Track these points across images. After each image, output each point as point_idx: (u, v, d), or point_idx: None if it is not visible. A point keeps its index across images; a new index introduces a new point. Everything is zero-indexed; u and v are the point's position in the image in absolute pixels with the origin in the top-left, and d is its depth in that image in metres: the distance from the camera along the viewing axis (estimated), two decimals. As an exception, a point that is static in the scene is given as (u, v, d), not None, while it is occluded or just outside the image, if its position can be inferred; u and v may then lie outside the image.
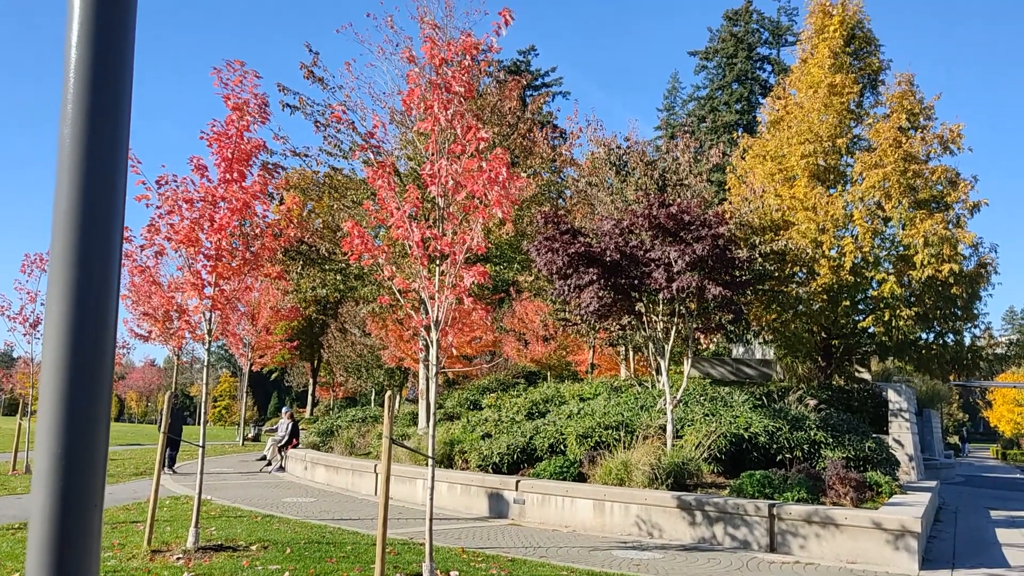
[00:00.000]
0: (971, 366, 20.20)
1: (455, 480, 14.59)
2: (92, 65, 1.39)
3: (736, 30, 56.07)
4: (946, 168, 18.50)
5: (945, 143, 18.87)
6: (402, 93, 8.69)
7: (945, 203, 18.34)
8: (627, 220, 14.62)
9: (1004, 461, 50.28)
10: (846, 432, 14.35)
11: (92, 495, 1.40)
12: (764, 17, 56.86)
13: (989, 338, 21.31)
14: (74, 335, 1.37)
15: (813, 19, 21.16)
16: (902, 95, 19.34)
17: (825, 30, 20.54)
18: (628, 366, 26.18)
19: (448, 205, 8.48)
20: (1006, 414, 71.46)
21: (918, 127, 19.29)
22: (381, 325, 30.28)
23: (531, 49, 59.43)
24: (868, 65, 21.01)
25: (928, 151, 18.82)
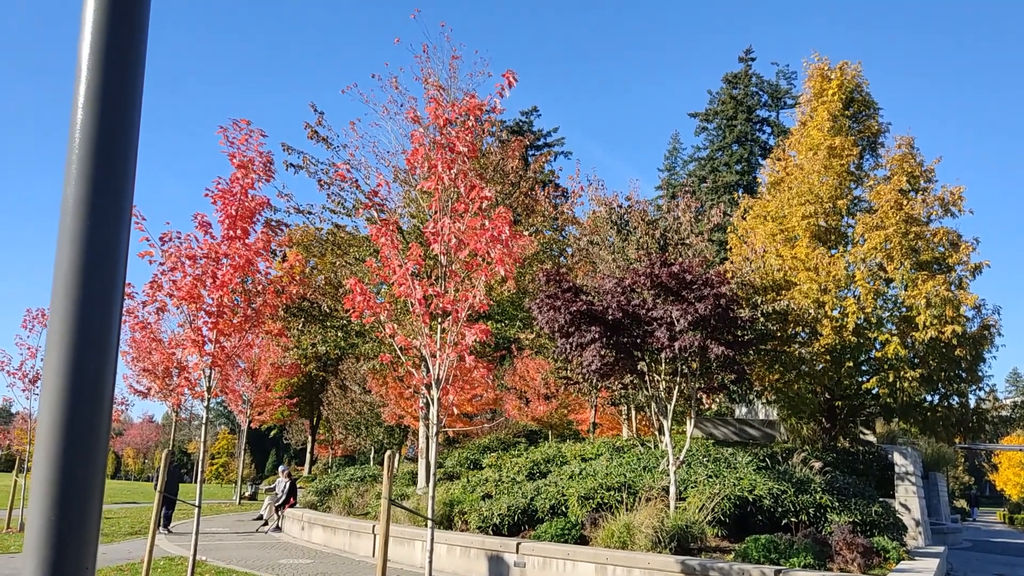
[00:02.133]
0: (976, 428, 20.01)
1: (455, 542, 14.32)
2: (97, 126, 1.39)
3: (736, 93, 56.98)
4: (947, 230, 18.61)
5: (946, 205, 19.00)
6: (406, 152, 8.82)
7: (947, 265, 18.39)
8: (629, 279, 14.64)
9: (1011, 526, 49.43)
10: (852, 496, 14.13)
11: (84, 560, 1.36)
12: (763, 80, 57.85)
13: (994, 400, 21.16)
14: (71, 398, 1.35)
15: (812, 83, 21.52)
16: (902, 158, 19.55)
17: (824, 93, 20.87)
18: (630, 425, 25.93)
19: (451, 263, 8.50)
20: (1012, 477, 70.50)
21: (919, 189, 19.45)
22: (382, 382, 30.12)
23: (533, 110, 60.38)
24: (867, 128, 21.29)
25: (929, 213, 18.96)
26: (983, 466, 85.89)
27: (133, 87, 1.44)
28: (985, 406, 20.53)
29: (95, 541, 1.39)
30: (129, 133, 1.43)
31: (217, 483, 74.04)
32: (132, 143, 1.44)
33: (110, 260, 1.40)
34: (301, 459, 65.69)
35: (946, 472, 43.25)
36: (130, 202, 1.45)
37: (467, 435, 35.74)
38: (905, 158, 19.48)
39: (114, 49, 1.40)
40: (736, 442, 22.94)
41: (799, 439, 21.87)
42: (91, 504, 1.37)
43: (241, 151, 10.07)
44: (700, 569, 11.22)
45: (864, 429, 22.54)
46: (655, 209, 26.48)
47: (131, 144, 1.44)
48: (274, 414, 43.70)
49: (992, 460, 77.87)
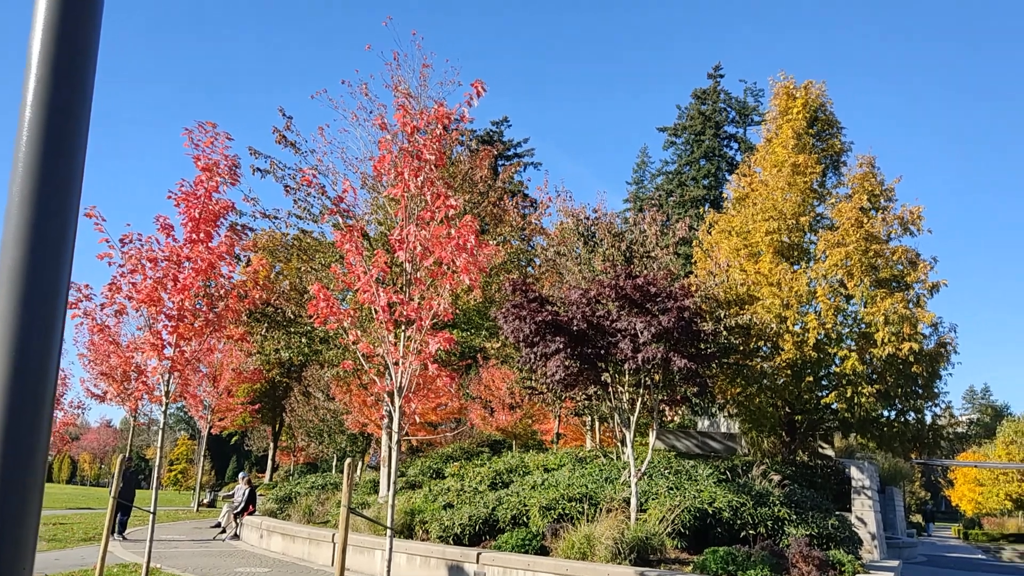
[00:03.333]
0: (932, 444, 20.36)
1: (415, 551, 14.25)
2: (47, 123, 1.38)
3: (704, 108, 57.64)
4: (906, 248, 18.97)
5: (905, 224, 19.38)
6: (374, 159, 8.77)
7: (905, 283, 18.74)
8: (594, 290, 14.71)
9: (966, 541, 50.32)
10: (810, 509, 14.30)
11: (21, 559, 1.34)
12: (731, 97, 58.57)
13: (950, 417, 21.54)
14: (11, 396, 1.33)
15: (777, 101, 21.85)
16: (863, 176, 19.92)
17: (789, 112, 21.20)
18: (594, 437, 26.02)
19: (416, 271, 8.49)
20: (967, 493, 71.81)
21: (879, 208, 19.82)
22: (345, 390, 29.87)
23: (504, 120, 60.53)
24: (830, 146, 21.67)
25: (889, 231, 19.31)
26: (939, 482, 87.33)
27: (83, 85, 1.43)
28: (941, 422, 20.90)
29: (33, 540, 1.37)
30: (78, 131, 1.42)
31: (176, 489, 72.84)
32: (80, 141, 1.43)
33: (55, 259, 1.39)
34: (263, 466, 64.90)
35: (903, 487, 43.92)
36: (77, 201, 1.44)
37: (431, 444, 35.58)
38: (866, 177, 19.86)
39: (65, 46, 1.39)
40: (698, 454, 23.11)
41: (760, 452, 22.09)
42: (29, 503, 1.36)
43: (206, 153, 9.98)
44: (659, 580, 11.27)
45: (823, 443, 22.84)
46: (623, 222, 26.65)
47: (79, 143, 1.42)
48: (235, 420, 43.17)
49: (948, 476, 79.27)
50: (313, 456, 47.79)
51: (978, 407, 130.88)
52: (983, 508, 69.45)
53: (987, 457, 74.85)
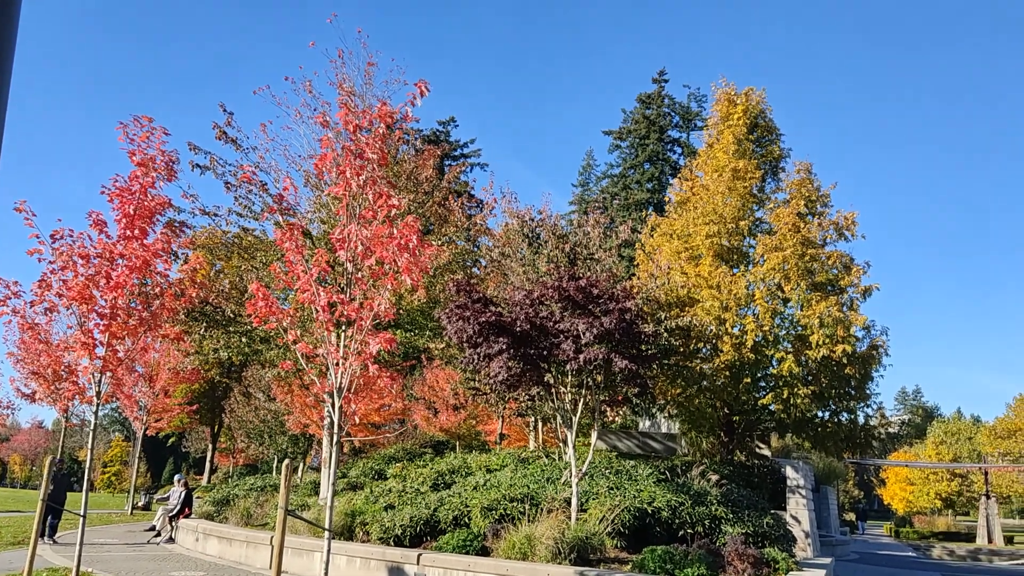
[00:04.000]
0: (864, 444, 20.94)
1: (354, 553, 14.12)
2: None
3: (648, 113, 58.30)
4: (841, 253, 19.49)
5: (840, 229, 19.91)
6: (315, 157, 8.70)
7: (840, 287, 19.25)
8: (538, 291, 14.78)
9: (897, 539, 51.75)
10: (746, 508, 14.58)
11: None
12: (675, 102, 59.35)
13: (882, 418, 22.17)
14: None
15: (719, 107, 22.25)
16: (801, 182, 20.41)
17: (730, 117, 21.60)
18: (537, 437, 26.13)
19: (357, 270, 8.43)
20: (899, 492, 74.00)
21: (816, 213, 20.33)
22: (287, 390, 29.45)
23: (451, 120, 60.40)
24: (769, 152, 22.14)
25: (825, 236, 19.82)
26: (872, 481, 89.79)
27: None
28: (873, 423, 21.50)
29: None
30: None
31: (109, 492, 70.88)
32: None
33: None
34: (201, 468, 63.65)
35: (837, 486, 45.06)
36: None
37: (374, 445, 35.33)
38: (803, 183, 20.35)
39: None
40: (639, 455, 23.39)
41: (699, 452, 22.45)
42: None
43: (142, 148, 9.76)
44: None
45: (760, 443, 23.31)
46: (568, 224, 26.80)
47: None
48: (172, 421, 42.24)
49: (880, 475, 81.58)
50: (253, 458, 47.04)
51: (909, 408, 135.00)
52: (914, 506, 71.62)
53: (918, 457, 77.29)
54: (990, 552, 38.27)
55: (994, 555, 37.14)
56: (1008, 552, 38.56)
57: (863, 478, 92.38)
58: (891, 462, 73.28)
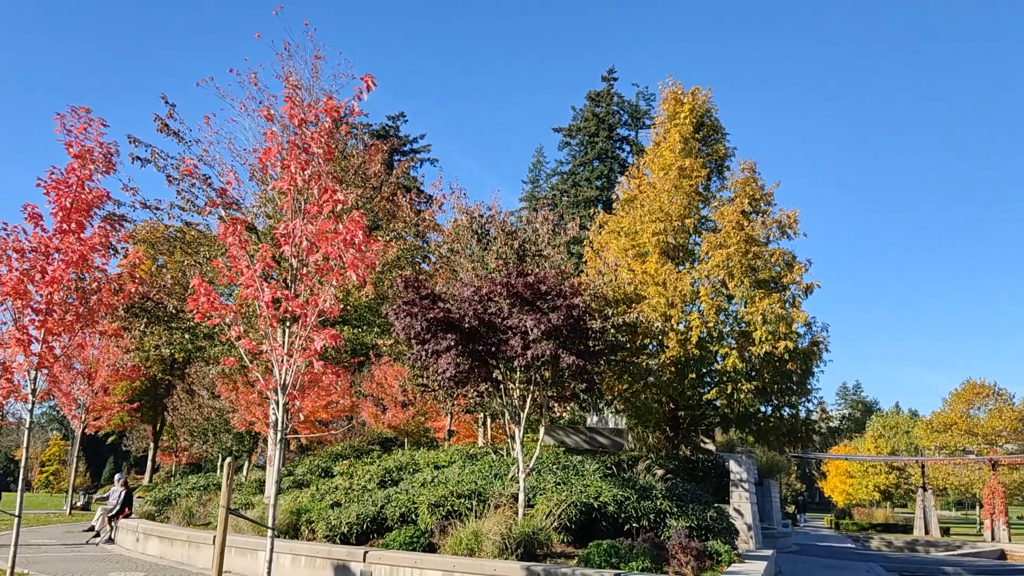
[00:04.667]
0: (805, 438, 21.41)
1: (300, 552, 13.97)
2: None
3: (598, 111, 58.72)
4: (783, 251, 19.90)
5: (783, 228, 20.31)
6: (259, 150, 8.57)
7: (782, 284, 19.64)
8: (486, 287, 14.78)
9: (837, 531, 52.98)
10: (690, 502, 14.79)
11: None
12: (624, 100, 59.88)
13: (823, 412, 22.68)
14: None
15: (666, 105, 22.51)
16: (745, 181, 20.77)
17: (677, 116, 21.87)
18: (485, 433, 26.16)
19: (302, 266, 8.33)
20: (839, 485, 75.86)
21: (759, 212, 20.71)
22: (232, 387, 29.01)
23: (400, 115, 60.08)
24: (715, 151, 22.49)
25: (768, 235, 20.21)
26: (813, 474, 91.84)
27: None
28: (814, 417, 21.98)
29: None
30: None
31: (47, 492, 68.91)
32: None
33: None
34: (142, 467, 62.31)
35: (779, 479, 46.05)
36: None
37: (321, 442, 35.00)
38: (748, 182, 20.71)
39: None
40: (587, 450, 23.57)
41: (645, 447, 22.72)
42: None
43: (79, 140, 9.50)
44: (544, 574, 11.44)
45: (705, 438, 23.68)
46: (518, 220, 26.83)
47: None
48: (112, 419, 41.25)
49: (821, 468, 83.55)
50: (197, 456, 46.25)
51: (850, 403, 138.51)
52: (853, 499, 73.47)
53: (857, 450, 79.33)
54: (927, 543, 39.42)
55: (931, 546, 38.26)
56: (944, 543, 39.76)
57: (805, 471, 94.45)
58: (832, 455, 75.06)
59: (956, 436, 61.84)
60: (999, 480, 47.01)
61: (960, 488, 64.87)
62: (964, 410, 62.71)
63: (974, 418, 62.06)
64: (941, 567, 26.81)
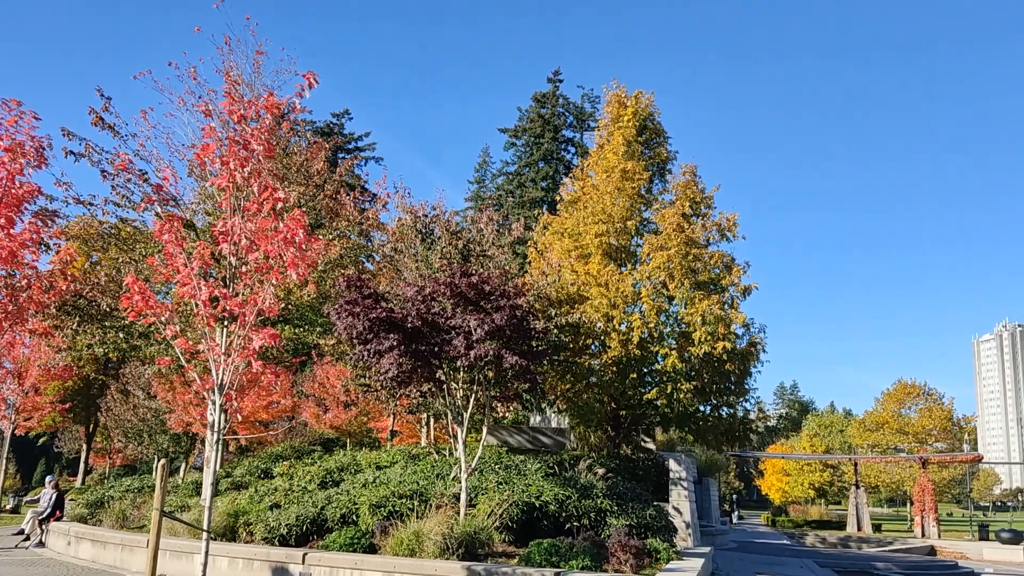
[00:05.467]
0: (743, 437, 21.86)
1: (237, 554, 13.75)
2: None
3: (544, 112, 58.95)
4: (723, 253, 20.28)
5: (723, 231, 20.70)
6: (197, 146, 8.42)
7: (721, 286, 20.02)
8: (430, 287, 14.76)
9: (774, 527, 54.12)
10: (630, 500, 14.98)
11: None
12: (569, 102, 60.20)
13: (760, 412, 23.18)
14: None
15: (610, 108, 22.75)
16: (686, 184, 21.11)
17: (620, 119, 22.12)
18: (429, 434, 26.08)
19: (241, 264, 8.22)
20: (776, 483, 77.54)
21: (700, 215, 21.07)
22: (168, 388, 28.41)
23: (345, 113, 59.43)
24: (657, 155, 22.81)
25: (708, 237, 20.58)
26: (751, 472, 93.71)
27: None
28: (751, 416, 22.46)
29: None
30: None
31: (-27, 496, 66.51)
32: None
33: None
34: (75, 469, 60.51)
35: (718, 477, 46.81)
36: None
37: (261, 443, 34.50)
38: (688, 185, 21.06)
39: None
40: (529, 449, 23.66)
41: (587, 446, 22.92)
42: None
43: (9, 133, 9.22)
44: (485, 574, 11.48)
45: (646, 437, 24.01)
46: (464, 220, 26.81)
47: None
48: (44, 420, 39.98)
49: (759, 467, 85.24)
50: (132, 458, 45.17)
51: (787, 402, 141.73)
52: (790, 496, 75.13)
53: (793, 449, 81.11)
54: (859, 539, 40.55)
55: (863, 542, 39.36)
56: (875, 539, 40.97)
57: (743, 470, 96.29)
58: (769, 454, 76.66)
59: (888, 435, 63.72)
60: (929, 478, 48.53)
61: (891, 485, 66.90)
62: (896, 410, 64.66)
63: (905, 417, 64.04)
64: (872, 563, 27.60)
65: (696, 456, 30.91)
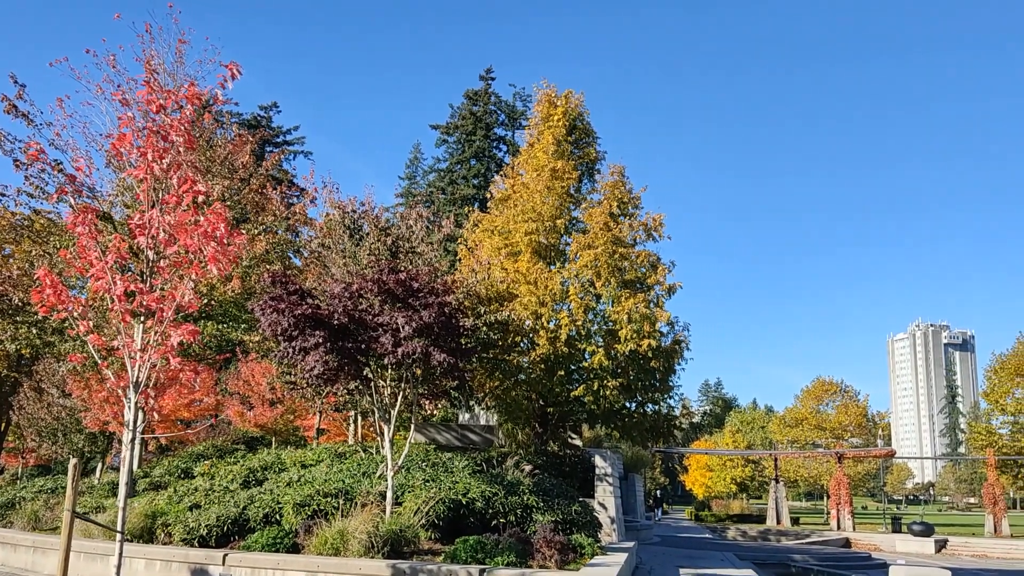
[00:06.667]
0: (667, 433, 22.28)
1: (154, 556, 13.39)
2: None
3: (476, 110, 58.94)
4: (649, 253, 20.63)
5: (649, 230, 21.06)
6: (112, 136, 8.15)
7: (647, 284, 20.36)
8: (357, 284, 14.61)
9: (697, 522, 55.28)
10: (556, 496, 15.12)
11: None
12: (501, 100, 60.33)
13: (685, 409, 23.68)
14: None
15: (541, 107, 22.91)
16: (614, 184, 21.40)
17: (550, 118, 22.29)
18: (356, 432, 25.81)
19: (159, 259, 8.00)
20: (699, 478, 79.16)
21: (627, 214, 21.39)
22: (84, 385, 27.42)
23: (273, 105, 58.30)
24: (586, 155, 23.07)
25: (635, 237, 20.91)
26: (676, 468, 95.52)
27: None
28: (676, 413, 22.90)
29: None
30: None
31: None
32: None
33: None
34: (-17, 471, 57.94)
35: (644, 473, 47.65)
36: None
37: (182, 442, 33.60)
38: (616, 185, 21.35)
39: None
40: (458, 447, 23.65)
41: (515, 443, 23.01)
42: None
43: (-90, 117, 8.78)
44: (410, 572, 11.44)
45: (572, 434, 24.25)
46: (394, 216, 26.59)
47: None
48: (-50, 420, 38.22)
49: (684, 462, 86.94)
50: (46, 458, 43.49)
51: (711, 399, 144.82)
52: (712, 491, 76.80)
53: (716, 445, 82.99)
54: (778, 532, 41.77)
55: (782, 535, 40.54)
56: (794, 532, 42.26)
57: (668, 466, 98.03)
58: (693, 450, 78.24)
59: (807, 431, 65.78)
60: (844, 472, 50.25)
61: (810, 480, 69.06)
62: (814, 406, 66.79)
63: (823, 414, 66.21)
64: (790, 555, 28.46)
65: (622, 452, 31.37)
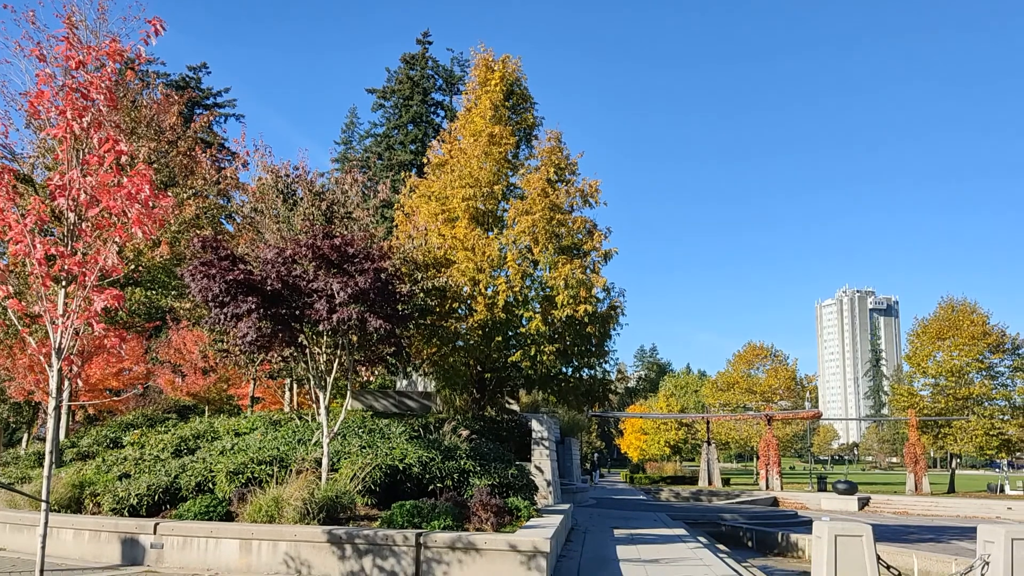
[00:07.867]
0: (603, 398, 22.61)
1: (84, 526, 13.10)
2: None
3: (413, 74, 58.15)
4: (585, 219, 20.74)
5: (586, 197, 21.15)
6: (30, 94, 7.79)
7: (584, 250, 20.50)
8: (291, 249, 14.36)
9: (632, 484, 56.55)
10: (493, 460, 15.25)
11: None
12: (439, 65, 59.64)
13: (620, 373, 24.06)
14: None
15: (478, 72, 22.69)
16: (551, 150, 21.39)
17: (488, 83, 22.11)
18: (291, 399, 25.56)
19: (81, 221, 7.73)
20: (635, 442, 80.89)
21: (564, 180, 21.43)
22: (7, 354, 26.53)
23: (203, 66, 56.52)
24: (524, 120, 22.98)
25: (572, 203, 20.98)
26: (612, 432, 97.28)
27: None
28: (611, 378, 23.24)
29: None
30: None
31: None
32: None
33: None
34: (-101, 444, 55.72)
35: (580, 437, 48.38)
36: None
37: (112, 411, 32.83)
38: (553, 151, 21.35)
39: None
40: (396, 413, 23.64)
41: (453, 409, 23.10)
42: None
43: None
44: (346, 537, 11.43)
45: (510, 399, 24.44)
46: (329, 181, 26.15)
47: None
48: None
49: (619, 426, 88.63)
50: (-34, 429, 42.08)
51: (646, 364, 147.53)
52: (647, 454, 78.60)
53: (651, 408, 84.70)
54: (710, 493, 43.02)
55: (713, 495, 41.75)
56: (724, 492, 43.58)
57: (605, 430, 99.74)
58: (628, 414, 79.77)
59: (738, 394, 67.58)
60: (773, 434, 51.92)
61: (740, 442, 71.14)
62: (745, 370, 68.58)
63: (754, 377, 68.08)
64: (720, 514, 29.33)
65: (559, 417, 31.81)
